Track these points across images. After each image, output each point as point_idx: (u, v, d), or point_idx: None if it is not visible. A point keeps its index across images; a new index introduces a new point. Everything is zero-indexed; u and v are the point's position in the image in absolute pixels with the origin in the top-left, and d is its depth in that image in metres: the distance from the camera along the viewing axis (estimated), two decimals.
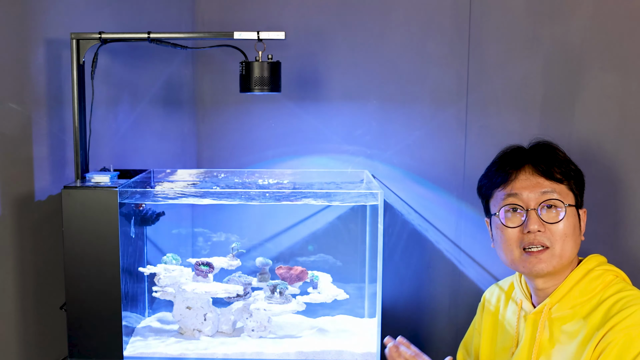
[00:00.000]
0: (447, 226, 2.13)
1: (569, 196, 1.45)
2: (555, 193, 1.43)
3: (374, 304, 1.85)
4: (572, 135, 2.01)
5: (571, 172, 1.47)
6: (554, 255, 1.42)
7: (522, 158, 1.49)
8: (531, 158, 1.48)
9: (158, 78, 2.12)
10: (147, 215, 1.98)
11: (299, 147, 2.15)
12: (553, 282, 1.46)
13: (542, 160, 1.46)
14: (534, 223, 1.42)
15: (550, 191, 1.43)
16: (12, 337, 1.84)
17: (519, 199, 1.45)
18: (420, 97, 2.10)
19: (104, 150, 1.99)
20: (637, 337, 1.27)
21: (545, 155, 1.47)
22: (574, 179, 1.47)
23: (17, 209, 1.82)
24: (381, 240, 1.76)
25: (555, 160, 1.47)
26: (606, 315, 1.34)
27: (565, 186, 1.46)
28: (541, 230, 1.42)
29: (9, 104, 1.79)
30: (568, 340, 1.38)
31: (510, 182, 1.47)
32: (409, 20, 2.08)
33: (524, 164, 1.47)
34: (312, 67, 2.11)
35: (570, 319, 1.40)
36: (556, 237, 1.42)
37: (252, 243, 2.12)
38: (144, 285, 2.05)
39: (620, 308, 1.32)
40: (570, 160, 1.50)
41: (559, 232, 1.42)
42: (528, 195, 1.44)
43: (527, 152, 1.51)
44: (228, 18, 2.12)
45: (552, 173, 1.45)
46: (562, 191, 1.45)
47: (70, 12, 1.92)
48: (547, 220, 1.42)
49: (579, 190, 1.48)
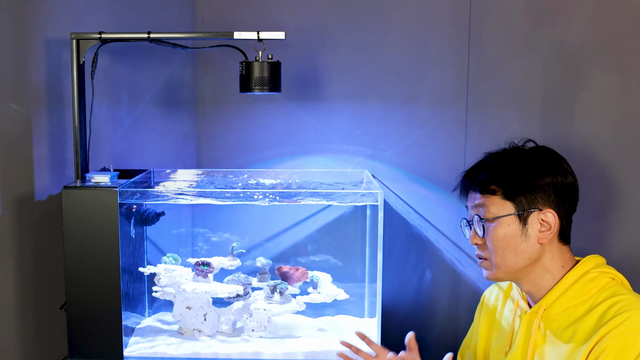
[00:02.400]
0: (447, 226, 2.13)
1: (504, 206, 1.43)
2: (485, 206, 1.45)
3: (374, 304, 1.85)
4: (572, 135, 2.01)
5: (516, 179, 1.43)
6: (494, 265, 1.46)
7: (470, 171, 1.52)
8: (470, 172, 1.51)
9: (158, 78, 2.12)
10: (147, 215, 1.98)
11: (299, 147, 2.15)
12: (532, 284, 1.46)
13: (476, 173, 1.49)
14: (471, 237, 1.49)
15: (479, 205, 1.46)
16: (12, 337, 1.84)
17: (468, 213, 1.52)
18: (420, 97, 2.10)
19: (104, 150, 1.99)
20: (632, 343, 1.27)
21: (482, 168, 1.48)
22: (518, 186, 1.42)
23: (17, 209, 1.82)
24: (381, 240, 1.76)
25: (492, 170, 1.45)
26: (600, 320, 1.33)
27: (498, 197, 1.43)
28: (479, 242, 1.48)
29: (9, 104, 1.79)
30: (561, 342, 1.39)
31: (464, 196, 1.55)
32: (409, 20, 2.08)
33: (467, 177, 1.52)
34: (312, 67, 2.11)
35: (564, 320, 1.40)
36: (490, 250, 1.45)
37: (252, 243, 2.13)
38: (144, 285, 2.05)
39: (614, 313, 1.32)
40: (523, 166, 1.44)
41: (491, 244, 1.45)
42: (470, 209, 1.50)
43: (475, 166, 1.52)
44: (228, 18, 2.12)
45: (483, 185, 1.46)
46: (495, 203, 1.44)
47: (70, 12, 1.92)
48: (478, 234, 1.47)
49: (528, 196, 1.42)
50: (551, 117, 2.04)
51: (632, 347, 1.27)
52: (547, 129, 2.03)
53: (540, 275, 1.45)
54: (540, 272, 1.45)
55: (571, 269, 1.46)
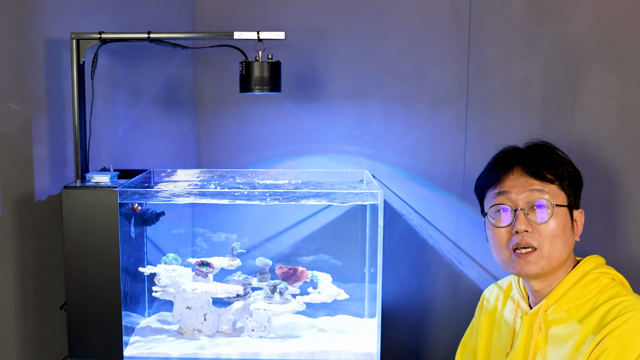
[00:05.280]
0: (447, 226, 2.13)
1: (559, 196, 1.45)
2: (544, 193, 1.43)
3: (374, 304, 1.85)
4: (572, 135, 2.01)
5: (565, 172, 1.47)
6: (542, 256, 1.42)
7: (514, 159, 1.49)
8: (522, 159, 1.49)
9: (158, 78, 2.12)
10: (147, 215, 1.98)
11: (299, 147, 2.15)
12: (548, 282, 1.46)
13: (533, 160, 1.47)
14: (521, 223, 1.42)
15: (538, 190, 1.43)
16: (12, 337, 1.84)
17: (508, 199, 1.46)
18: (420, 97, 2.10)
19: (104, 150, 1.99)
20: (632, 344, 1.27)
21: (537, 156, 1.48)
22: (568, 180, 1.47)
23: (17, 209, 1.82)
24: (381, 240, 1.76)
25: (547, 160, 1.47)
26: (601, 321, 1.33)
27: (556, 186, 1.45)
28: (528, 230, 1.42)
29: (9, 104, 1.79)
30: (562, 343, 1.38)
31: (500, 182, 1.48)
32: (409, 20, 2.08)
33: (514, 165, 1.48)
34: (312, 67, 2.11)
35: (565, 321, 1.40)
36: (544, 238, 1.42)
37: (252, 243, 2.13)
38: (144, 285, 2.05)
39: (615, 315, 1.32)
40: (567, 161, 1.49)
41: (546, 232, 1.42)
42: (517, 194, 1.45)
43: (519, 152, 1.51)
44: (228, 18, 2.12)
45: (542, 173, 1.45)
46: (552, 191, 1.44)
47: (70, 12, 1.92)
48: (535, 221, 1.42)
49: (574, 191, 1.48)
50: (551, 117, 2.04)
51: (633, 348, 1.26)
52: (547, 129, 2.03)
53: (561, 273, 1.45)
54: (562, 270, 1.46)
55: (572, 269, 1.46)
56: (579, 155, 1.99)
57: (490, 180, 1.50)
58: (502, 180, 1.47)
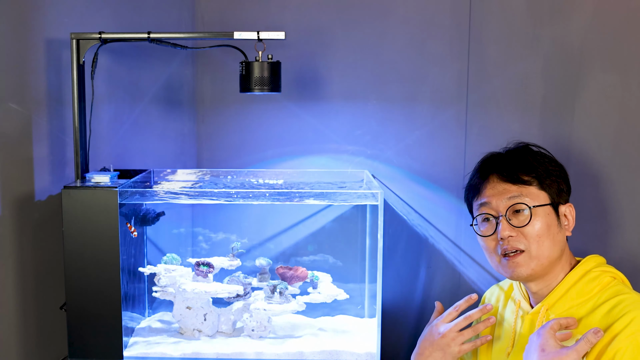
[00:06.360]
0: (447, 226, 2.13)
1: (539, 196, 1.46)
2: (522, 196, 1.45)
3: (374, 304, 1.85)
4: (572, 135, 2.01)
5: (543, 171, 1.48)
6: (531, 257, 1.44)
7: (490, 167, 1.52)
8: (497, 166, 1.51)
9: (158, 78, 2.12)
10: (147, 215, 1.98)
11: (299, 147, 2.15)
12: (545, 283, 1.47)
13: (507, 166, 1.49)
14: (504, 230, 1.45)
15: (516, 195, 1.45)
16: (12, 337, 1.84)
17: (490, 208, 1.49)
18: (420, 97, 2.10)
19: (104, 150, 1.99)
20: None
21: (512, 160, 1.50)
22: (548, 178, 1.48)
23: (17, 209, 1.82)
24: (381, 240, 1.76)
25: (521, 163, 1.48)
26: (605, 319, 1.33)
27: (535, 187, 1.46)
28: (513, 235, 1.44)
29: (9, 104, 1.79)
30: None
31: (480, 193, 1.52)
32: (409, 20, 2.08)
33: (490, 173, 1.51)
34: (312, 67, 2.11)
35: None
36: (530, 240, 1.44)
37: (252, 243, 2.13)
38: (144, 285, 2.05)
39: (619, 313, 1.32)
40: (546, 158, 1.51)
41: (531, 234, 1.43)
42: (497, 202, 1.47)
43: (495, 159, 1.53)
44: (228, 18, 2.12)
45: (517, 177, 1.47)
46: (531, 193, 1.46)
47: (70, 12, 1.92)
48: (517, 225, 1.44)
49: (558, 187, 1.48)
50: (551, 117, 2.04)
51: None
52: (547, 129, 2.03)
53: (557, 272, 1.46)
54: (558, 269, 1.46)
55: (572, 268, 1.46)
56: (579, 155, 2.00)
57: (472, 191, 1.55)
58: (482, 190, 1.51)
